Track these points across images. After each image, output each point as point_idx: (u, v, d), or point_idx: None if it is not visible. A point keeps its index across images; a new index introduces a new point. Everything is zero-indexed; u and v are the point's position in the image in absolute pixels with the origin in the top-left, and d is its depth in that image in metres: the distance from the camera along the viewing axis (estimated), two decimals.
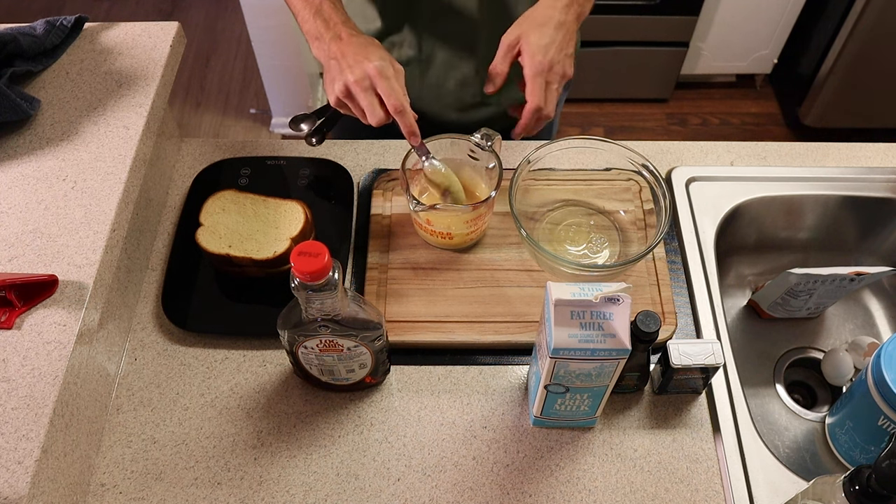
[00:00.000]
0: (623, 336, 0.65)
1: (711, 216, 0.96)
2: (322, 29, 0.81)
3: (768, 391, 0.97)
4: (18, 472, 0.61)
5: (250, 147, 1.02)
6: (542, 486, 0.75)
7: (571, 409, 0.75)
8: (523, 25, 0.82)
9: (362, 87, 0.77)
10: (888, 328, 1.04)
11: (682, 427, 0.79)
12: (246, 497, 0.74)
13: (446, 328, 0.84)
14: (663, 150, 1.04)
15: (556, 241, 0.91)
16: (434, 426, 0.79)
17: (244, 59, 2.57)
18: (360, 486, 0.75)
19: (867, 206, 1.01)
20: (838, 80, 2.09)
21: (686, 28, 2.14)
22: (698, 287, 0.89)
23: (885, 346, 0.75)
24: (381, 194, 0.95)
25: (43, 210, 0.77)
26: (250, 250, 0.84)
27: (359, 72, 0.77)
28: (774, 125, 2.38)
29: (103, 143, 0.82)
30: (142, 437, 0.77)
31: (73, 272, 0.72)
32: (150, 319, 0.86)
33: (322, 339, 0.70)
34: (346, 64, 0.78)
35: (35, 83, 0.89)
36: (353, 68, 0.77)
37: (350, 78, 0.77)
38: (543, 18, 0.82)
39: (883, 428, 0.76)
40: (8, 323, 0.68)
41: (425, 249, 0.91)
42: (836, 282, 0.91)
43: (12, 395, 0.65)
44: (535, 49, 0.80)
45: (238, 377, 0.82)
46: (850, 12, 1.95)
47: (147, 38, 0.94)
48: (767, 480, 0.75)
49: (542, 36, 0.80)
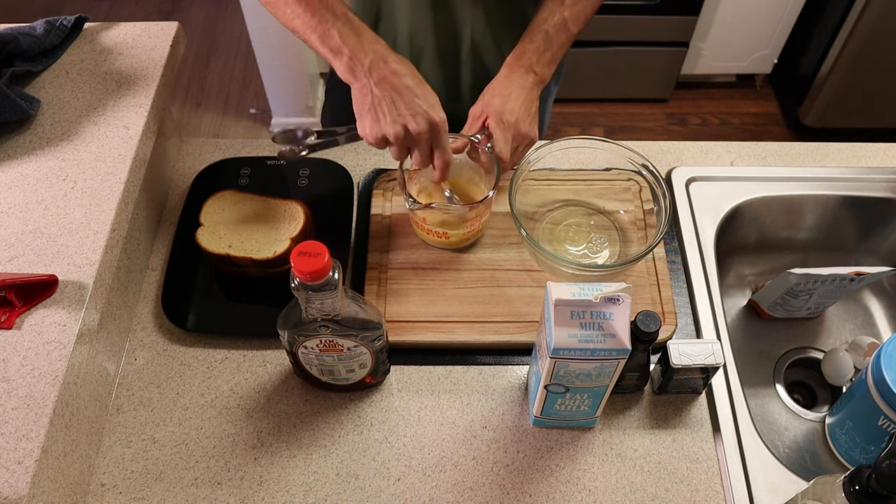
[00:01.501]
0: (623, 336, 0.65)
1: (711, 216, 0.96)
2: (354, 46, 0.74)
3: (768, 391, 0.97)
4: (18, 472, 0.61)
5: (250, 147, 1.02)
6: (542, 486, 0.75)
7: (571, 409, 0.75)
8: (485, 97, 0.85)
9: (424, 139, 0.75)
10: (888, 328, 1.04)
11: (682, 427, 0.79)
12: (246, 497, 0.74)
13: (446, 328, 0.84)
14: (663, 150, 1.04)
15: (556, 241, 0.91)
16: (434, 426, 0.79)
17: (244, 59, 2.57)
18: (360, 486, 0.75)
19: (867, 206, 1.01)
20: (838, 80, 2.08)
21: (686, 28, 2.14)
22: (698, 287, 0.89)
23: (885, 346, 0.75)
24: (381, 194, 0.95)
25: (43, 210, 0.77)
26: (250, 250, 0.84)
27: (422, 122, 0.74)
28: (774, 125, 2.38)
29: (103, 143, 0.82)
30: (142, 437, 0.77)
31: (73, 272, 0.72)
32: (150, 319, 0.86)
33: (322, 339, 0.70)
34: (403, 106, 0.73)
35: (35, 83, 0.89)
36: (415, 115, 0.74)
37: (413, 126, 0.74)
38: (504, 88, 0.84)
39: (883, 428, 0.76)
40: (8, 323, 0.68)
41: (425, 249, 0.91)
42: (836, 282, 0.91)
43: (12, 395, 0.65)
44: (499, 111, 0.83)
45: (238, 377, 0.82)
46: (850, 12, 1.95)
47: (147, 38, 0.94)
48: (767, 480, 0.75)
49: (504, 101, 0.83)
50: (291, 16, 0.76)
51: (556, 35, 0.86)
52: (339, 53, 0.74)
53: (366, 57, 0.74)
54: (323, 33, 0.74)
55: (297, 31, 0.77)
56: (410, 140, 0.76)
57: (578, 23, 0.87)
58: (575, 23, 0.87)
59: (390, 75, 0.74)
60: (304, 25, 0.75)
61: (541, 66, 0.86)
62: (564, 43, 0.87)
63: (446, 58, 1.00)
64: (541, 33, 0.86)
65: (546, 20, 0.86)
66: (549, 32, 0.85)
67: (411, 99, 0.74)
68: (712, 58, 2.30)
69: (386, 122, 0.74)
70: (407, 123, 0.74)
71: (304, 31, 0.76)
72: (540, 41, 0.85)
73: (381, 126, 0.75)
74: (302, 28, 0.76)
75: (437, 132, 0.76)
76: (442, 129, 0.76)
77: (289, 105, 2.26)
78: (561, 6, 0.86)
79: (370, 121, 0.75)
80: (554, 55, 0.86)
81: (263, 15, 1.97)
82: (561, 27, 0.86)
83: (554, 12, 0.86)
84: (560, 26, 0.86)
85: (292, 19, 0.76)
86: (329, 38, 0.74)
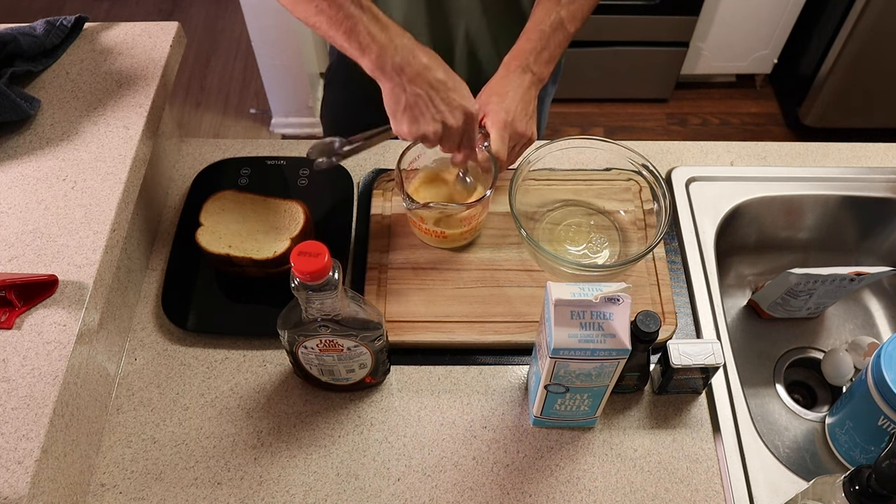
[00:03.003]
0: (623, 336, 0.65)
1: (711, 216, 0.96)
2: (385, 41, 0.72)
3: (768, 391, 0.97)
4: (18, 472, 0.61)
5: (250, 147, 1.02)
6: (542, 486, 0.75)
7: (571, 409, 0.75)
8: (482, 96, 0.85)
9: (459, 132, 0.76)
10: (888, 328, 1.04)
11: (682, 427, 0.79)
12: (246, 497, 0.74)
13: (446, 328, 0.84)
14: (663, 150, 1.04)
15: (556, 241, 0.91)
16: (434, 426, 0.79)
17: (244, 59, 2.57)
18: (360, 486, 0.75)
19: (867, 206, 1.01)
20: (838, 80, 2.08)
21: (686, 28, 2.14)
22: (698, 287, 0.89)
23: (885, 346, 0.75)
24: (381, 194, 0.95)
25: (43, 210, 0.77)
26: (250, 250, 0.84)
27: (461, 116, 0.75)
28: (774, 125, 2.38)
29: (103, 143, 0.82)
30: (142, 437, 0.77)
31: (73, 272, 0.72)
32: (150, 319, 0.86)
33: (322, 339, 0.70)
34: (440, 101, 0.73)
35: (35, 83, 0.89)
36: (452, 110, 0.74)
37: (451, 121, 0.74)
38: (501, 88, 0.84)
39: (883, 428, 0.76)
40: (8, 323, 0.68)
41: (425, 249, 0.91)
42: (836, 282, 0.91)
43: (12, 395, 0.65)
44: (496, 110, 0.83)
45: (238, 377, 0.82)
46: (850, 12, 1.95)
47: (147, 38, 0.94)
48: (767, 480, 0.75)
49: (501, 100, 0.83)
50: (315, 11, 0.72)
51: (553, 34, 0.86)
52: (367, 50, 0.72)
53: (396, 54, 0.72)
54: (349, 29, 0.71)
55: (320, 27, 0.73)
56: (451, 134, 0.76)
57: (575, 22, 0.87)
58: (572, 22, 0.87)
59: (423, 70, 0.73)
60: (329, 21, 0.72)
61: (538, 66, 0.86)
62: (562, 42, 0.87)
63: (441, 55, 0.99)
64: (538, 32, 0.86)
65: (543, 19, 0.86)
66: (546, 32, 0.85)
67: (446, 94, 0.74)
68: (712, 58, 2.30)
69: (425, 121, 0.74)
70: (446, 120, 0.74)
71: (329, 27, 0.72)
72: (537, 40, 0.85)
73: (420, 125, 0.74)
74: (326, 24, 0.72)
75: (472, 123, 0.77)
76: (476, 119, 0.77)
77: (289, 105, 2.26)
78: (558, 5, 0.86)
79: (408, 121, 0.74)
80: (551, 54, 0.86)
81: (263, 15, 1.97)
82: (558, 26, 0.86)
83: (551, 11, 0.86)
84: (557, 25, 0.86)
85: (315, 14, 0.73)
86: (357, 33, 0.71)
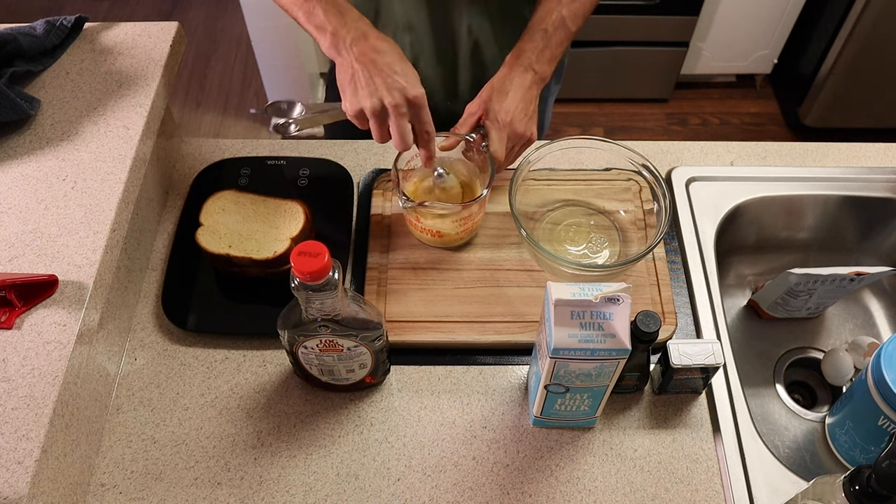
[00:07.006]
0: (623, 336, 0.65)
1: (711, 216, 0.96)
2: (337, 23, 0.76)
3: (768, 391, 0.97)
4: (18, 472, 0.61)
5: (250, 147, 1.02)
6: (542, 486, 0.75)
7: (571, 409, 0.75)
8: (483, 95, 0.85)
9: (399, 113, 0.74)
10: (888, 328, 1.04)
11: (682, 427, 0.79)
12: (246, 497, 0.74)
13: (446, 328, 0.84)
14: (663, 150, 1.04)
15: (556, 241, 0.91)
16: (434, 426, 0.79)
17: (244, 59, 2.57)
18: (360, 486, 0.75)
19: (867, 206, 1.01)
20: (838, 80, 2.09)
21: (686, 28, 2.14)
22: (698, 287, 0.89)
23: (885, 346, 0.75)
24: (381, 194, 0.95)
25: (43, 210, 0.77)
26: (250, 250, 0.84)
27: (398, 96, 0.73)
28: (774, 125, 2.38)
29: (103, 143, 0.82)
30: (142, 437, 0.77)
31: (73, 272, 0.72)
32: (150, 319, 0.86)
33: (322, 339, 0.70)
34: (380, 80, 0.73)
35: (35, 83, 0.89)
36: (391, 89, 0.73)
37: (388, 99, 0.73)
38: (503, 86, 0.84)
39: (883, 428, 0.76)
40: (8, 323, 0.68)
41: (425, 249, 0.90)
42: (836, 282, 0.91)
43: (12, 395, 0.65)
44: (496, 110, 0.83)
45: (238, 377, 0.82)
46: (850, 12, 1.95)
47: (147, 38, 0.94)
48: (767, 480, 0.75)
49: (501, 99, 0.83)
50: None
51: (554, 33, 0.86)
52: (322, 30, 0.77)
53: (348, 34, 0.76)
54: (308, 11, 0.78)
55: (285, 7, 0.81)
56: (387, 115, 0.75)
57: (577, 20, 0.87)
58: (573, 20, 0.87)
59: (370, 51, 0.75)
60: (291, 3, 0.79)
61: (540, 65, 0.86)
62: (563, 41, 0.87)
63: (444, 55, 1.00)
64: (539, 32, 0.86)
65: (544, 18, 0.86)
66: (547, 31, 0.86)
67: (389, 74, 0.74)
68: (712, 58, 2.30)
69: (363, 95, 0.75)
70: (383, 97, 0.74)
71: (291, 8, 0.80)
72: (539, 39, 0.85)
73: (359, 99, 0.75)
74: (289, 5, 0.80)
75: (416, 107, 0.75)
76: (421, 104, 0.75)
77: None
78: (559, 4, 0.86)
79: (349, 94, 0.76)
80: (553, 53, 0.86)
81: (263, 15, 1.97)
82: (560, 25, 0.86)
83: (552, 10, 0.86)
84: (559, 24, 0.86)
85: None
86: (313, 15, 0.77)
